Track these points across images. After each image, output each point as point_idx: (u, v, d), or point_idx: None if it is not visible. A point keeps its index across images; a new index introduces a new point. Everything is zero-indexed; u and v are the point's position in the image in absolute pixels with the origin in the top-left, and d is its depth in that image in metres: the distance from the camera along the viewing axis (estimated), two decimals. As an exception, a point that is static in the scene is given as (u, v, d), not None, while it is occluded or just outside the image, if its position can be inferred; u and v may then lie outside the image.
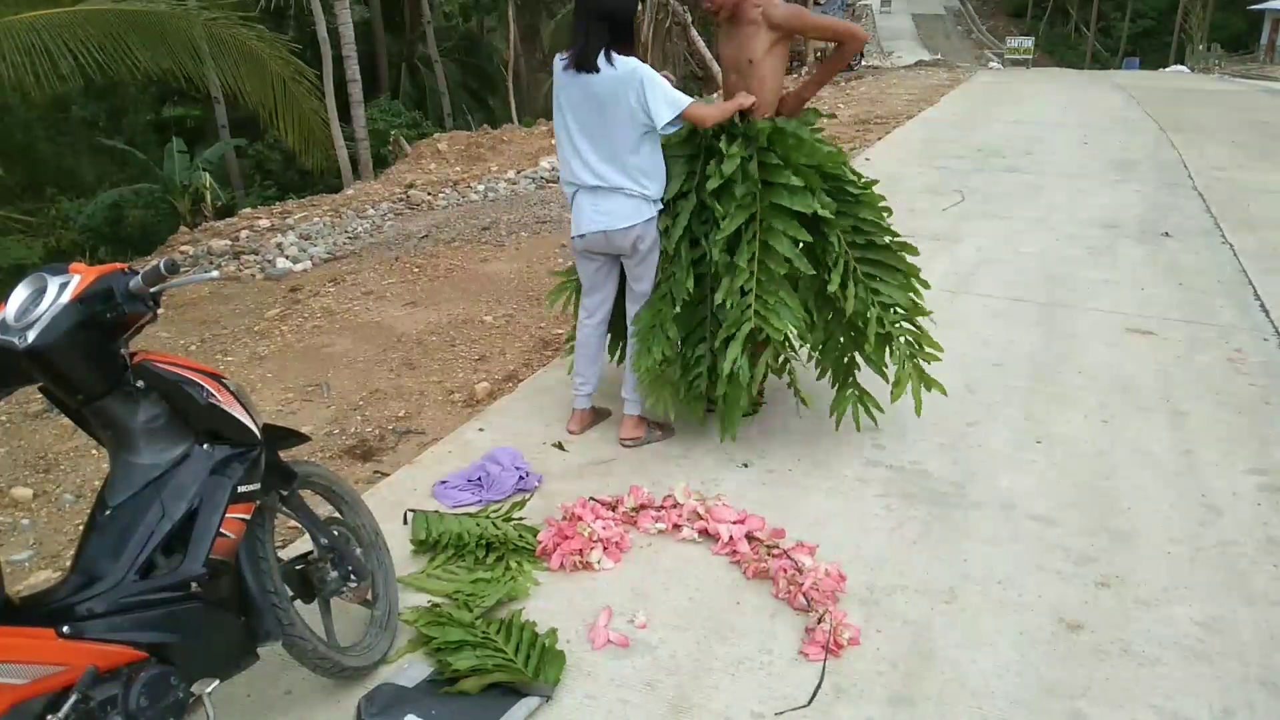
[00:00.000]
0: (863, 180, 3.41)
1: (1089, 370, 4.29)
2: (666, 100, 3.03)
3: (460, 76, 22.77)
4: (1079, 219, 7.24)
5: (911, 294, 3.39)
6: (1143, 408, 3.91)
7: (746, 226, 3.19)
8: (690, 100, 3.07)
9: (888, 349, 3.37)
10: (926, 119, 13.36)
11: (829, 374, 3.56)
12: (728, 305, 3.18)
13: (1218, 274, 5.85)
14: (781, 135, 3.22)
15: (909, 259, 3.41)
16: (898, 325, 3.37)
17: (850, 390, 3.49)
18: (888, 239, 3.38)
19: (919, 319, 3.45)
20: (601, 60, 3.02)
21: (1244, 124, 13.65)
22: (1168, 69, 31.43)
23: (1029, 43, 34.41)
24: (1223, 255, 6.28)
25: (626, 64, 3.03)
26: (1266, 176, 9.19)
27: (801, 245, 3.19)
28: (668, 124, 3.04)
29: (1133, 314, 5.06)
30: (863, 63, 28.01)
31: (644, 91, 3.01)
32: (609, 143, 3.12)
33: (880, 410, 3.51)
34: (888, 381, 3.49)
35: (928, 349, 3.44)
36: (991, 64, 33.01)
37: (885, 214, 3.42)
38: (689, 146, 3.36)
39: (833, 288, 3.19)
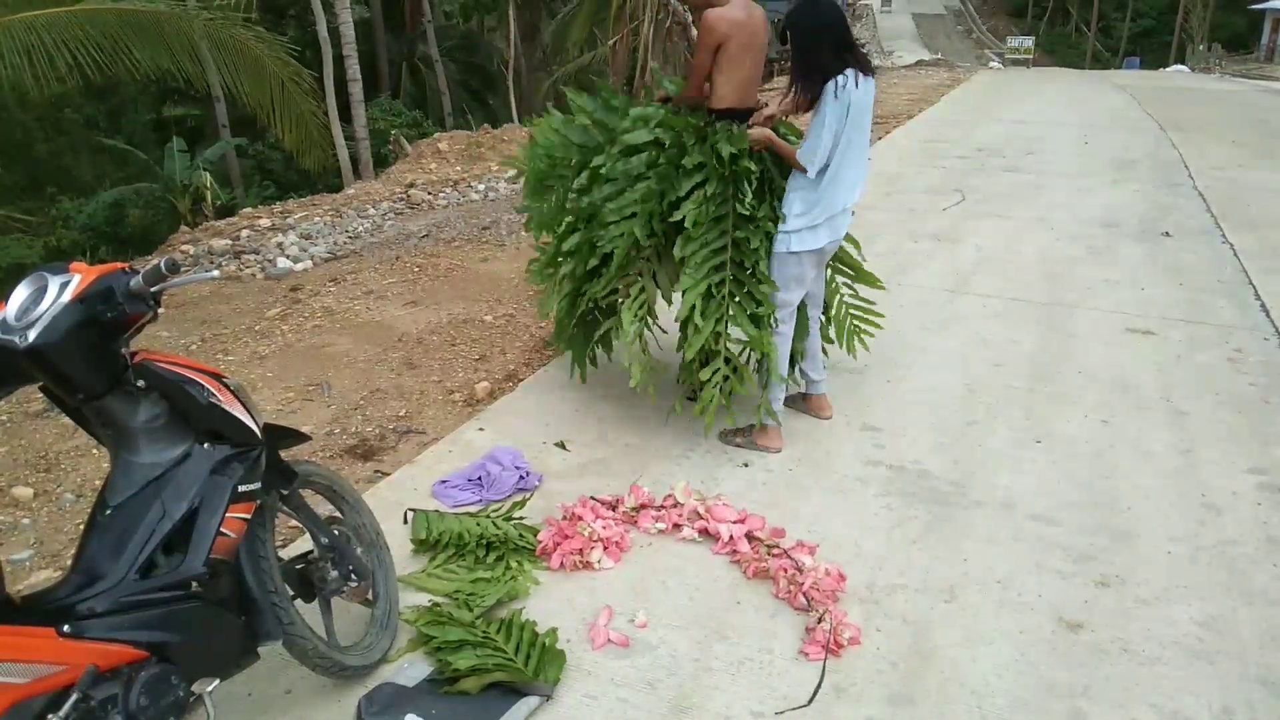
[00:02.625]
0: (761, 206, 3.35)
1: (1089, 370, 4.29)
2: None
3: (461, 76, 22.76)
4: (1079, 218, 7.24)
5: (760, 327, 3.32)
6: (1143, 407, 3.91)
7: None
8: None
9: (707, 367, 3.34)
10: (927, 119, 13.36)
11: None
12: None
13: (1218, 273, 5.85)
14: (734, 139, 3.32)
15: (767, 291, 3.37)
16: (726, 348, 3.31)
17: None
18: (757, 267, 3.34)
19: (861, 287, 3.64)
20: None
21: (1244, 123, 13.65)
22: (1168, 69, 31.41)
23: (1029, 42, 34.43)
24: (1223, 255, 6.28)
25: None
26: (1267, 176, 9.18)
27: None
28: None
29: (1133, 313, 5.06)
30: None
31: None
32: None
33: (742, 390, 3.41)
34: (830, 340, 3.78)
35: (744, 381, 3.33)
36: (992, 64, 33.00)
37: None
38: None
39: (683, 285, 3.27)
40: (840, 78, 3.12)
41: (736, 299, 3.29)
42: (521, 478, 3.24)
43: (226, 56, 8.62)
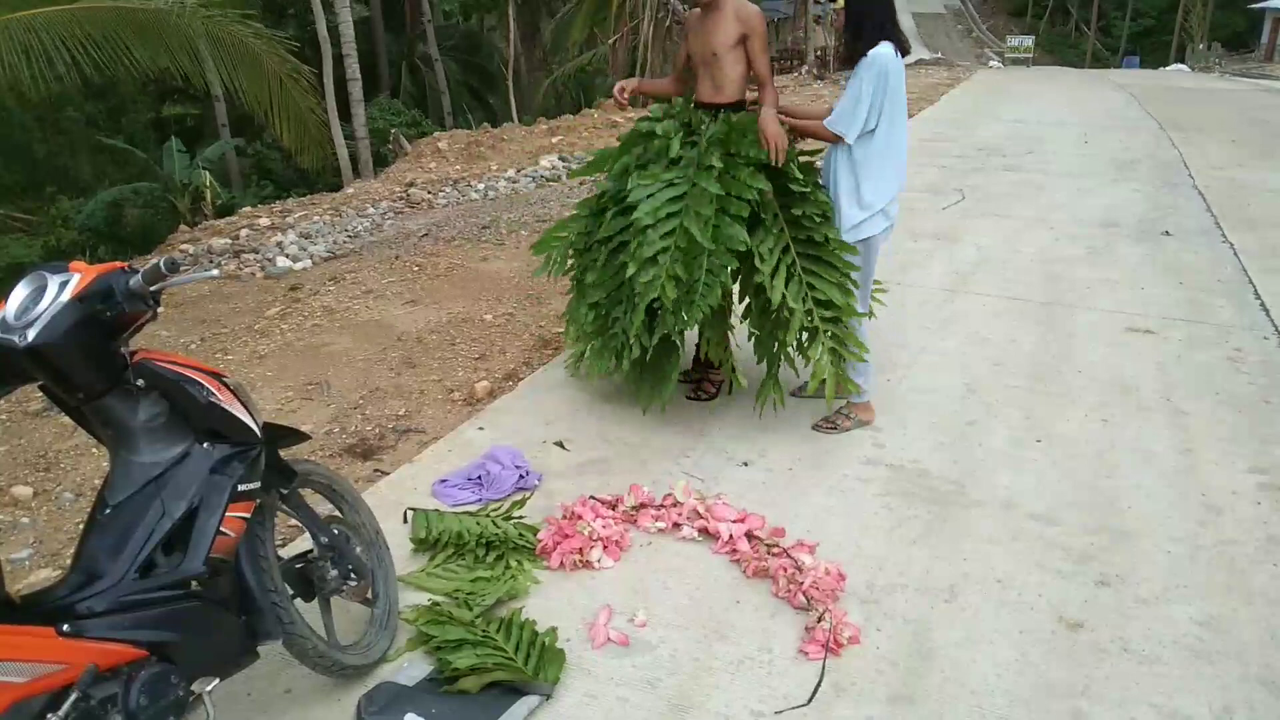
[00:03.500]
0: (808, 179, 3.41)
1: (1089, 369, 4.29)
2: None
3: (461, 75, 22.73)
4: (1079, 218, 7.24)
5: (845, 294, 3.37)
6: (1143, 407, 3.91)
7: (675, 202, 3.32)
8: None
9: (813, 344, 3.38)
10: (927, 118, 13.36)
11: (763, 361, 3.58)
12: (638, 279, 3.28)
13: (1218, 273, 5.85)
14: (737, 125, 3.38)
15: (846, 257, 3.41)
16: (824, 321, 3.35)
17: (771, 379, 3.51)
18: (828, 236, 3.38)
19: (849, 319, 3.40)
20: None
21: (1244, 123, 13.65)
22: (1168, 68, 31.42)
23: (1029, 41, 34.41)
24: (1223, 254, 6.28)
25: None
26: (1267, 175, 9.18)
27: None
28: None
29: (1133, 313, 5.06)
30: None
31: None
32: None
33: (783, 405, 3.55)
34: (797, 375, 3.70)
35: (852, 348, 3.40)
36: (992, 63, 33.00)
37: (828, 211, 3.42)
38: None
39: (761, 277, 3.27)
40: (884, 45, 3.25)
41: (814, 273, 3.35)
42: (521, 477, 3.24)
43: (225, 54, 8.60)
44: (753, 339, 3.57)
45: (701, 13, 3.49)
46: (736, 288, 3.60)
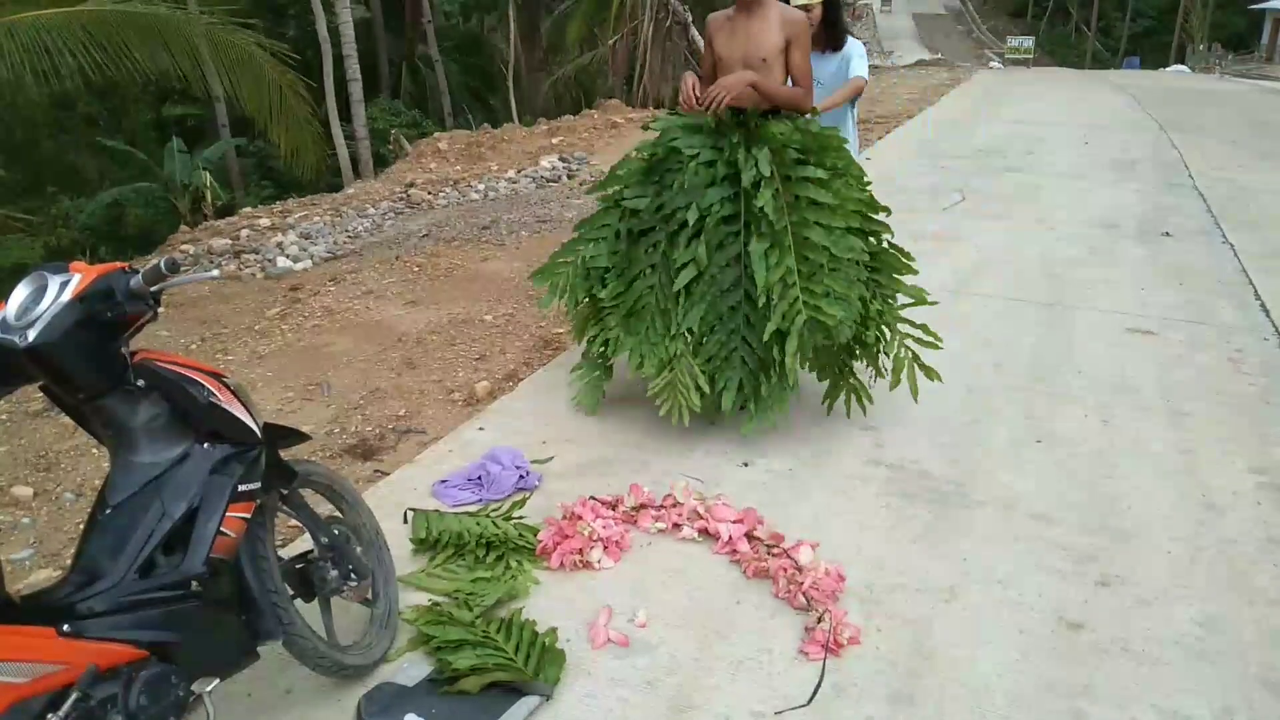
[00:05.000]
0: (866, 180, 3.48)
1: (1089, 370, 4.29)
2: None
3: (461, 76, 22.73)
4: (1079, 219, 7.24)
5: (911, 285, 3.50)
6: (1143, 407, 3.91)
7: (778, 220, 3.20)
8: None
9: (886, 339, 3.46)
10: (927, 119, 13.36)
11: (821, 368, 3.62)
12: (773, 298, 3.17)
13: (1218, 274, 5.85)
14: (811, 138, 3.31)
15: (904, 260, 3.52)
16: (898, 315, 3.47)
17: (844, 380, 3.56)
18: (887, 238, 3.49)
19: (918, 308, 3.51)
20: None
21: (1245, 123, 13.65)
22: (1168, 69, 31.42)
23: (1029, 42, 34.38)
24: (1223, 255, 6.28)
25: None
26: (1267, 176, 9.18)
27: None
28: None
29: (1133, 314, 5.06)
30: (863, 62, 27.95)
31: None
32: None
33: (871, 401, 3.59)
34: (880, 375, 3.62)
35: (927, 337, 3.49)
36: (992, 64, 32.99)
37: (884, 213, 3.49)
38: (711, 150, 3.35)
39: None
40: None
41: (877, 271, 3.43)
42: (521, 477, 3.24)
43: (227, 60, 8.61)
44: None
45: (738, 14, 3.36)
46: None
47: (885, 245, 3.49)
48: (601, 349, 3.53)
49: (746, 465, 3.39)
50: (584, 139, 11.28)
